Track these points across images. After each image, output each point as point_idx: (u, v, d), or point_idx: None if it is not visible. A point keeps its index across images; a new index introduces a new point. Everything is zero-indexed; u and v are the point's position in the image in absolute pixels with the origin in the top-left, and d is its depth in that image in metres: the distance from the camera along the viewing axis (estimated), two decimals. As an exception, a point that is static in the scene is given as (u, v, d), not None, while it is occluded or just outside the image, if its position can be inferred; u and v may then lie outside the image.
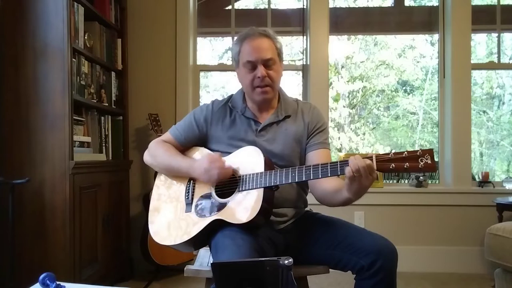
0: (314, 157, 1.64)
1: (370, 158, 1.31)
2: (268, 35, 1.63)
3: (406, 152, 1.29)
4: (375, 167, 1.30)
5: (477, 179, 3.57)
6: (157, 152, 1.71)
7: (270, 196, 1.48)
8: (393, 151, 1.31)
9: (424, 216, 3.33)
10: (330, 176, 1.39)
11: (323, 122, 1.71)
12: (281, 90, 1.74)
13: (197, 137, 1.72)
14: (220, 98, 1.78)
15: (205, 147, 1.72)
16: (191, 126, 1.71)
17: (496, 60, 3.66)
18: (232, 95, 1.76)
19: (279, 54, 1.65)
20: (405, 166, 1.28)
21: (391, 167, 1.29)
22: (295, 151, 1.66)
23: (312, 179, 1.43)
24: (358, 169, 1.29)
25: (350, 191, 1.37)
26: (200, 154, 1.71)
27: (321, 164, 1.40)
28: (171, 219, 1.61)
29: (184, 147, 1.73)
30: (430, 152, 1.27)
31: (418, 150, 1.28)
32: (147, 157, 1.75)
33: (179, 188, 1.66)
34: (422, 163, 1.27)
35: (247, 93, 1.68)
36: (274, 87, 1.64)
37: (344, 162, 1.34)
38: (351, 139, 4.81)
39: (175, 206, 1.63)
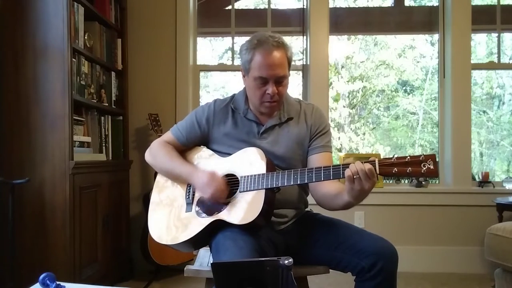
0: (316, 160, 1.63)
1: (373, 162, 1.31)
2: (282, 45, 1.56)
3: (408, 157, 1.29)
4: (377, 171, 1.30)
5: (477, 179, 3.57)
6: (158, 154, 1.71)
7: (271, 197, 1.48)
8: (395, 156, 1.31)
9: (424, 216, 3.33)
10: (332, 179, 1.39)
11: (325, 125, 1.70)
12: None
13: (198, 138, 1.71)
14: (220, 98, 1.77)
15: (206, 147, 1.72)
16: (192, 127, 1.71)
17: (496, 60, 3.66)
18: (234, 95, 1.75)
19: (289, 64, 1.61)
20: (407, 171, 1.28)
21: (393, 171, 1.29)
22: (297, 153, 1.65)
23: (314, 181, 1.42)
24: (358, 172, 1.30)
25: (351, 194, 1.37)
26: (201, 156, 1.70)
27: (324, 167, 1.40)
28: (171, 218, 1.61)
29: (185, 147, 1.73)
30: (432, 157, 1.27)
31: (421, 155, 1.28)
32: (148, 157, 1.75)
33: (180, 188, 1.66)
34: (424, 168, 1.27)
35: (253, 104, 1.65)
36: (281, 101, 1.64)
37: (346, 165, 1.34)
38: (351, 139, 4.81)
39: (175, 205, 1.63)
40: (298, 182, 1.43)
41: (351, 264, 1.46)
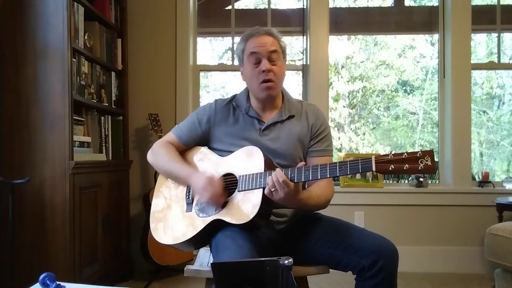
0: (315, 163, 1.64)
1: (370, 159, 1.31)
2: (273, 34, 1.64)
3: (405, 154, 1.27)
4: (374, 168, 1.29)
5: (477, 179, 3.57)
6: (158, 154, 1.72)
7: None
8: (392, 152, 1.29)
9: (424, 216, 3.33)
10: (328, 177, 1.39)
11: (325, 127, 1.71)
12: (285, 90, 1.74)
13: (200, 137, 1.72)
14: (221, 98, 1.78)
15: (207, 146, 1.72)
16: (194, 126, 1.71)
17: (496, 60, 3.66)
18: (236, 94, 1.76)
19: (283, 52, 1.66)
20: (404, 168, 1.26)
21: (390, 168, 1.27)
22: (298, 151, 1.66)
23: (311, 180, 1.42)
24: (273, 184, 1.37)
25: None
26: (201, 155, 1.71)
27: (320, 165, 1.40)
28: (171, 218, 1.61)
29: (187, 146, 1.74)
30: (430, 153, 1.25)
31: (418, 152, 1.26)
32: (150, 157, 1.76)
33: (180, 188, 1.66)
34: (422, 165, 1.25)
35: (252, 90, 1.67)
36: (278, 84, 1.64)
37: (343, 163, 1.34)
38: (351, 139, 4.82)
39: (175, 205, 1.63)
40: (296, 181, 1.42)
41: (351, 263, 1.46)
